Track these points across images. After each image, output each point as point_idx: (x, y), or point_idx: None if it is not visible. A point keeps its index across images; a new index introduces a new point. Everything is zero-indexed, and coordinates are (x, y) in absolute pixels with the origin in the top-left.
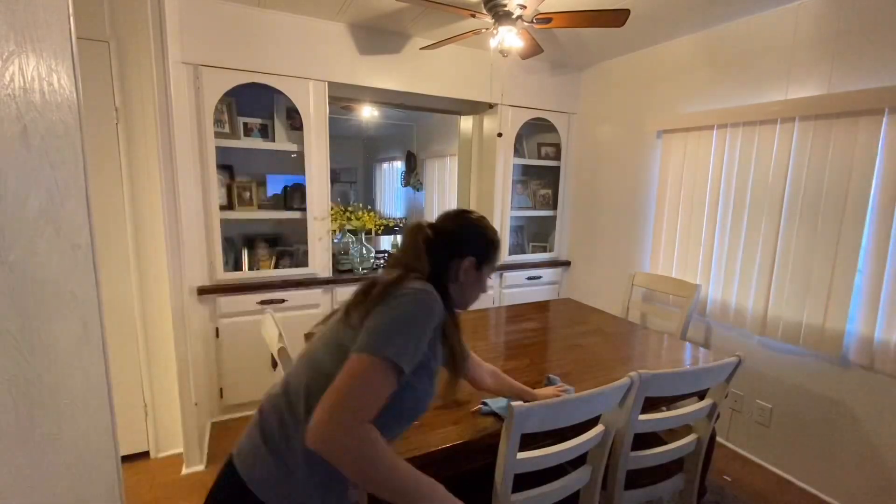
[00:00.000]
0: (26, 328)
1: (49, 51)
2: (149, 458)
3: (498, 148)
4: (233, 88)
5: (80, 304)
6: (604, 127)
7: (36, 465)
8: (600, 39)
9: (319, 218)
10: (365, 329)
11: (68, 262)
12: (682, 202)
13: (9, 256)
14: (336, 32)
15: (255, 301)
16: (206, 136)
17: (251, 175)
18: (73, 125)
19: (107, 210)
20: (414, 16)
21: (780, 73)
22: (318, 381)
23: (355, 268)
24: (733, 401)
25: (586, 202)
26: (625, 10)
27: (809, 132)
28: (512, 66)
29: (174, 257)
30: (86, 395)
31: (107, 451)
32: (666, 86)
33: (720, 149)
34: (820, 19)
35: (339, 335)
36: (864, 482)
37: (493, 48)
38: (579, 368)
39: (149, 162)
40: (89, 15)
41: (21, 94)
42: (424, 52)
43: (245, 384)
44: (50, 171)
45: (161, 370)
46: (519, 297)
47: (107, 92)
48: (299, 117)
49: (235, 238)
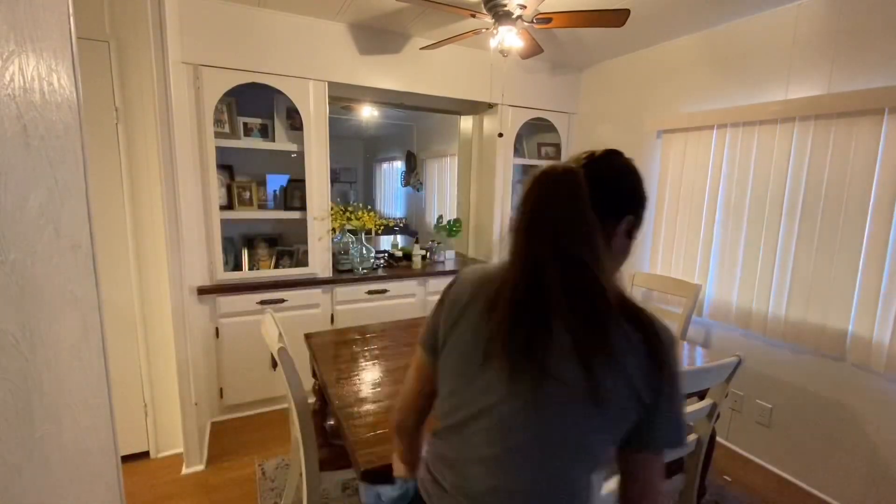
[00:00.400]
0: (26, 328)
1: (49, 51)
2: (149, 458)
3: (498, 148)
4: (233, 88)
5: (80, 304)
6: (604, 127)
7: (36, 465)
8: (600, 39)
9: (319, 218)
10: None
11: (68, 262)
12: (681, 202)
13: (9, 256)
14: (336, 32)
15: (255, 301)
16: (206, 135)
17: (251, 175)
18: (73, 125)
19: (107, 210)
20: (414, 16)
21: (780, 73)
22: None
23: (355, 268)
24: (733, 401)
25: None
26: (625, 10)
27: (809, 132)
28: (512, 66)
29: (174, 257)
30: (86, 395)
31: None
32: (666, 86)
33: (720, 149)
34: (820, 19)
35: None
36: (864, 482)
37: (493, 48)
38: None
39: (149, 162)
40: (89, 15)
41: (21, 94)
42: (424, 52)
43: (245, 384)
44: (50, 170)
45: (161, 370)
46: None
47: (107, 92)
48: (299, 117)
49: (235, 238)
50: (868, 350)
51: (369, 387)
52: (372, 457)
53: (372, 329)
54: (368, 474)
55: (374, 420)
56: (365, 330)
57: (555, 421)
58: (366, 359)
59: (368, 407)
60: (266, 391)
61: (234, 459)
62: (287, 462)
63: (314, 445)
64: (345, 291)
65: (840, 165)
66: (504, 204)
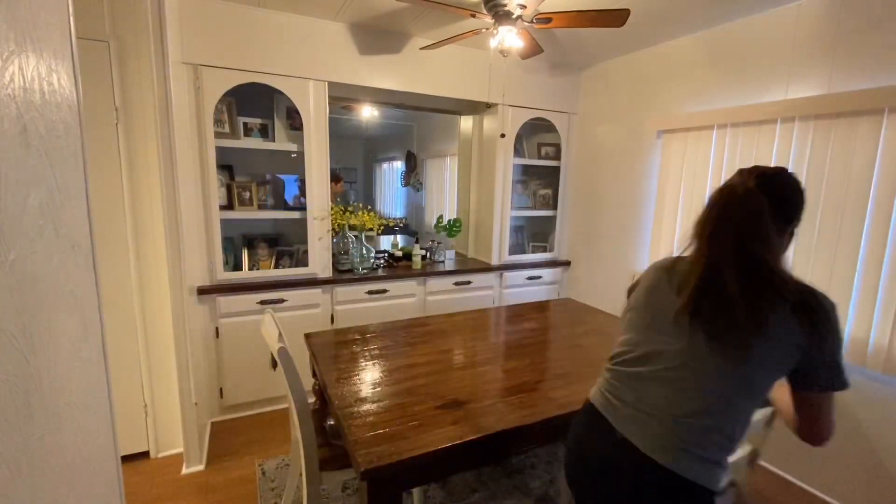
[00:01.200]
0: (26, 328)
1: (49, 51)
2: (149, 457)
3: (498, 148)
4: (233, 88)
5: (80, 304)
6: (604, 127)
7: (36, 465)
8: (600, 39)
9: (319, 218)
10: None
11: (68, 261)
12: (682, 202)
13: (9, 256)
14: (336, 32)
15: (255, 301)
16: (206, 136)
17: (251, 175)
18: (73, 125)
19: (107, 210)
20: (414, 16)
21: (780, 73)
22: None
23: (355, 268)
24: None
25: (586, 202)
26: (625, 10)
27: (809, 132)
28: (512, 66)
29: (174, 257)
30: (86, 395)
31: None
32: (666, 86)
33: (720, 149)
34: (820, 19)
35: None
36: (864, 482)
37: (493, 48)
38: (579, 368)
39: (149, 162)
40: (89, 15)
41: (21, 94)
42: (424, 52)
43: (245, 384)
44: (50, 170)
45: (161, 370)
46: (519, 297)
47: (107, 92)
48: (299, 117)
49: (235, 238)
50: (866, 351)
51: (369, 387)
52: (372, 457)
53: (372, 329)
54: (369, 473)
55: (374, 420)
56: (365, 330)
57: (720, 361)
58: (366, 359)
59: (368, 407)
60: (266, 391)
61: (234, 459)
62: (287, 462)
63: (314, 445)
64: (345, 291)
65: (840, 165)
66: (504, 204)
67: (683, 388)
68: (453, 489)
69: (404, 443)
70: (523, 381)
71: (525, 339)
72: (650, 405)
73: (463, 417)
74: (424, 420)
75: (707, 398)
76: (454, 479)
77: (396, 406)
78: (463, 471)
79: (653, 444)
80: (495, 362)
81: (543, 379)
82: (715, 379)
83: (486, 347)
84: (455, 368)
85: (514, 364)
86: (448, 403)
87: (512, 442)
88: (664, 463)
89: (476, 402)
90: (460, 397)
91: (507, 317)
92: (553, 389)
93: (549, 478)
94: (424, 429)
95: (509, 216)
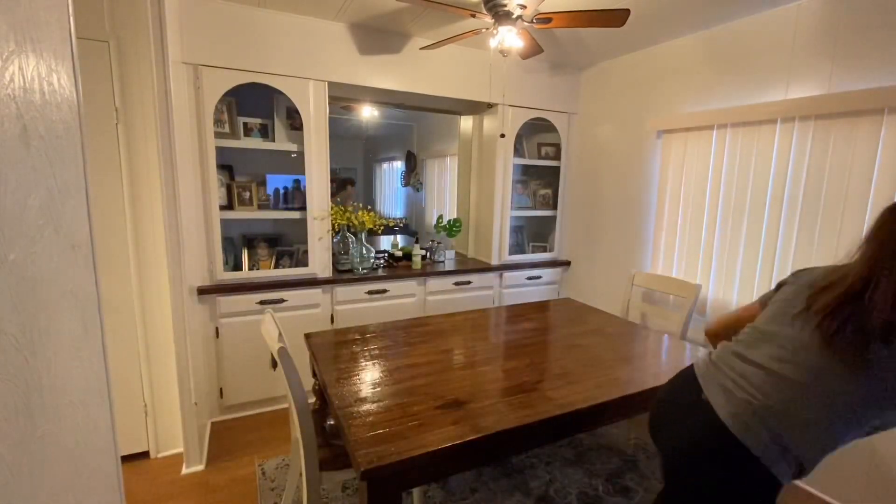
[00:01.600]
0: (26, 328)
1: (49, 51)
2: (149, 457)
3: (498, 148)
4: (233, 88)
5: (79, 304)
6: (604, 127)
7: (36, 465)
8: (600, 39)
9: (319, 218)
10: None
11: (68, 261)
12: (682, 202)
13: (9, 256)
14: (336, 32)
15: (255, 301)
16: (206, 136)
17: (251, 175)
18: (73, 125)
19: (107, 210)
20: (414, 16)
21: (780, 73)
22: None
23: (355, 268)
24: None
25: (586, 202)
26: (625, 10)
27: (809, 132)
28: (512, 66)
29: (174, 257)
30: (86, 395)
31: (107, 451)
32: (666, 86)
33: (720, 149)
34: (820, 19)
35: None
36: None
37: (493, 48)
38: (579, 368)
39: (149, 162)
40: (89, 15)
41: (21, 94)
42: (424, 52)
43: (245, 384)
44: (50, 170)
45: (161, 370)
46: (519, 297)
47: (107, 92)
48: (299, 117)
49: (235, 238)
50: None
51: (369, 387)
52: (372, 457)
53: (372, 329)
54: (369, 473)
55: (374, 420)
56: (365, 330)
57: (825, 370)
58: (366, 359)
59: (368, 407)
60: (266, 391)
61: (234, 459)
62: (287, 462)
63: (314, 445)
64: (345, 291)
65: (840, 165)
66: (504, 204)
67: (786, 381)
68: (453, 489)
69: (404, 443)
70: (523, 381)
71: (525, 339)
72: (748, 383)
73: (463, 417)
74: (424, 420)
75: (809, 398)
76: (454, 479)
77: (396, 406)
78: (463, 471)
79: (732, 415)
80: (495, 362)
81: (543, 379)
82: (824, 382)
83: (486, 347)
84: (455, 368)
85: (513, 364)
86: (448, 403)
87: (512, 442)
88: (736, 432)
89: (476, 402)
90: (460, 397)
91: (506, 317)
92: (553, 389)
93: (548, 478)
94: (424, 429)
95: (509, 216)
